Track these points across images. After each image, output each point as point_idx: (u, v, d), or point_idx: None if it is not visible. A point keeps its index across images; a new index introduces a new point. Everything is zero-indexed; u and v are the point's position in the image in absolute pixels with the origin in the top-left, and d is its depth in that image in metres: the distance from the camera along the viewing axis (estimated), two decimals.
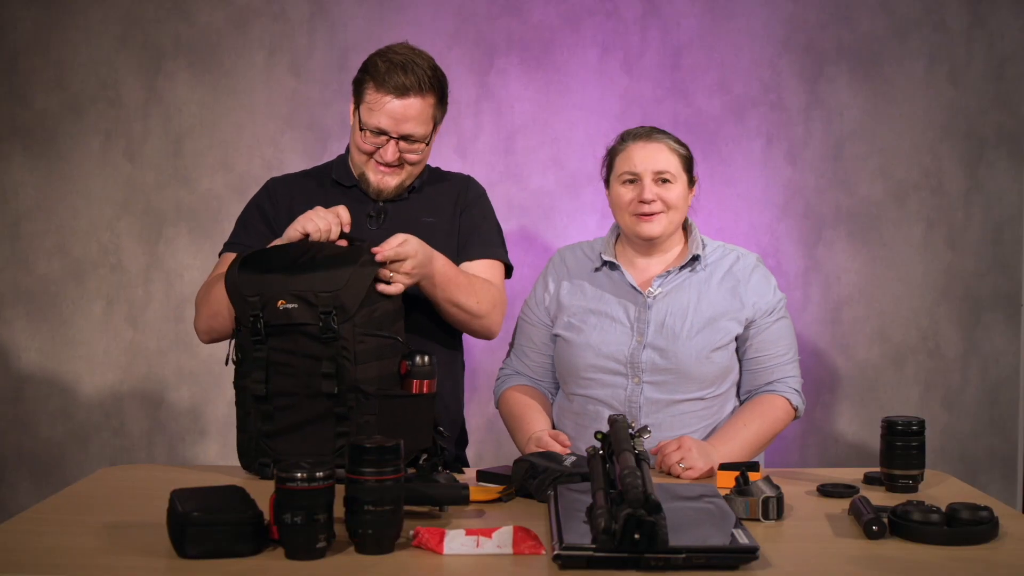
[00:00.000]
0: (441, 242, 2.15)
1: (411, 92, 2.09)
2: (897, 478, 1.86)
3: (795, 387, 2.21)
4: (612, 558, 1.37)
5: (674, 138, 2.24)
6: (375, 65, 2.11)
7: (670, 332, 2.15)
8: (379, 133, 2.11)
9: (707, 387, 2.16)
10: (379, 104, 2.09)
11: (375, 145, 2.13)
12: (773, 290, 2.23)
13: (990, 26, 3.26)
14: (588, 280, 2.27)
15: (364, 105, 2.11)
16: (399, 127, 2.10)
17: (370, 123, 2.11)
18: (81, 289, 3.25)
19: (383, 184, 2.17)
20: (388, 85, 2.08)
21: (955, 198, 3.29)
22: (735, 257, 2.25)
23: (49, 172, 3.23)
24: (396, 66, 2.08)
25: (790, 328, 2.25)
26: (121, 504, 1.73)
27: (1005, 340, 3.30)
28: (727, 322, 2.17)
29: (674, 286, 2.21)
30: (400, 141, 2.12)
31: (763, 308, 2.20)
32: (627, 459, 1.46)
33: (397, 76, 2.07)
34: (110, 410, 3.26)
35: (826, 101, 3.26)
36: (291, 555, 1.42)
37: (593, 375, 2.18)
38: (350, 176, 2.22)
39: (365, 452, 1.44)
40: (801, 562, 1.46)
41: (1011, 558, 1.48)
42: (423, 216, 2.20)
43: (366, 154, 2.15)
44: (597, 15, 3.24)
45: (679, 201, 2.20)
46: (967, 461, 3.30)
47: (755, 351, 2.20)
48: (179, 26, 3.22)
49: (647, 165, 2.18)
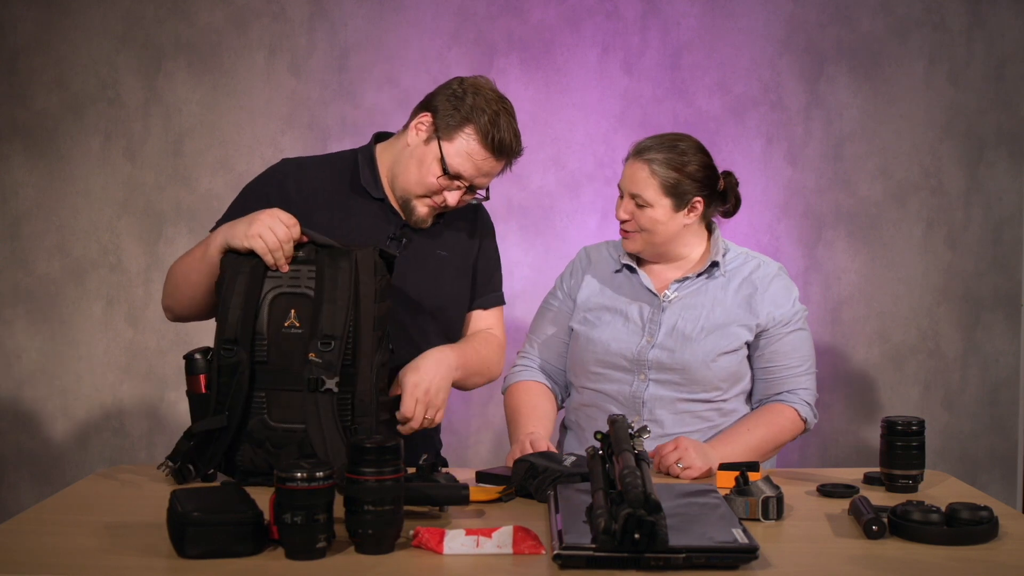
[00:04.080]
0: (451, 276, 2.15)
1: (506, 156, 2.05)
2: (897, 478, 1.86)
3: (807, 399, 2.17)
4: (612, 558, 1.37)
5: (672, 158, 2.15)
6: (479, 112, 2.01)
7: (680, 334, 2.15)
8: (456, 177, 2.04)
9: (712, 390, 2.15)
10: (475, 155, 2.02)
11: (445, 187, 2.05)
12: (792, 301, 2.20)
13: (990, 26, 3.26)
14: (608, 279, 2.26)
15: (454, 146, 2.02)
16: (478, 180, 2.06)
17: (455, 168, 2.02)
18: (81, 289, 3.25)
19: (428, 218, 2.10)
20: (491, 142, 2.01)
21: (955, 198, 3.29)
22: (756, 265, 2.23)
23: (49, 172, 3.24)
24: (503, 123, 2.01)
25: (807, 340, 2.21)
26: (121, 504, 1.73)
27: (1005, 340, 3.30)
28: (737, 328, 2.15)
29: (690, 291, 2.20)
30: (467, 192, 2.07)
31: (778, 318, 2.17)
32: (627, 459, 1.46)
33: (502, 135, 2.01)
34: (110, 410, 3.26)
35: (826, 101, 3.26)
36: (291, 555, 1.42)
37: (600, 370, 2.18)
38: (379, 187, 2.13)
39: (365, 452, 1.44)
40: (801, 562, 1.46)
41: (1011, 558, 1.48)
42: (439, 249, 2.15)
43: (428, 190, 2.06)
44: (597, 15, 3.24)
45: (653, 225, 2.16)
46: (967, 461, 3.30)
47: (767, 360, 2.18)
48: (179, 26, 3.22)
49: (627, 184, 2.18)
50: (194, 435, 1.80)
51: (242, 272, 1.84)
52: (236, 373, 1.79)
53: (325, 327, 1.78)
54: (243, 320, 1.80)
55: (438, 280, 2.14)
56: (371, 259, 1.84)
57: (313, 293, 1.81)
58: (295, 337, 1.80)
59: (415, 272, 2.07)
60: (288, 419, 1.79)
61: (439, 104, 2.05)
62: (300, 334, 1.80)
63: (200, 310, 2.04)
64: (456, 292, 2.18)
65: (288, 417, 1.79)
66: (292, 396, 1.79)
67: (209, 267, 1.91)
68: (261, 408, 1.81)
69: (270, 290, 1.82)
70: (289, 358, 1.80)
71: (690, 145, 2.18)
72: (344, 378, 1.78)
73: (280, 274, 1.83)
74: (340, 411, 1.78)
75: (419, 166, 2.05)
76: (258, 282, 1.83)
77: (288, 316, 1.81)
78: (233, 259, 1.86)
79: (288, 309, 1.81)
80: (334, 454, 1.72)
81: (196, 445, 1.81)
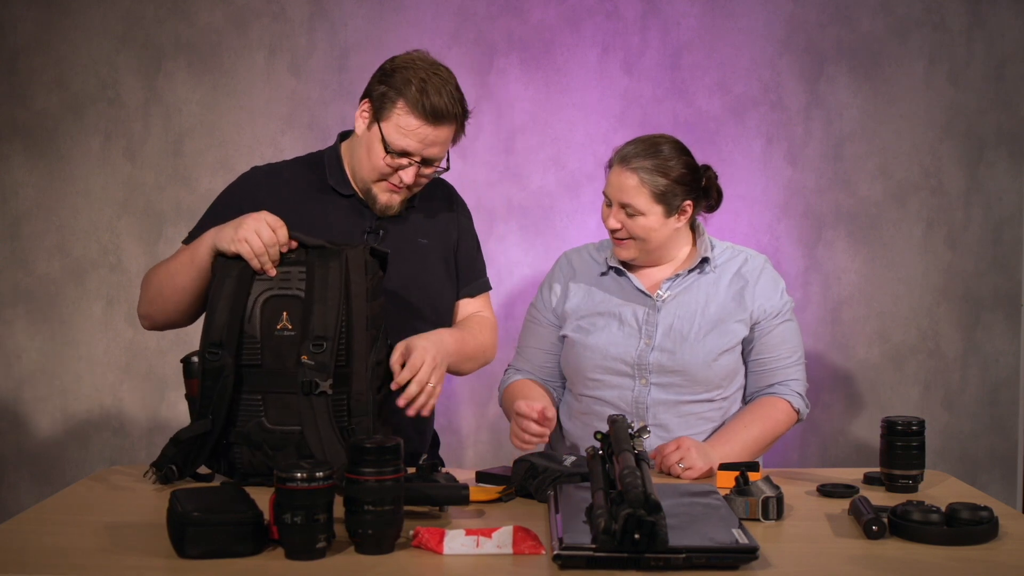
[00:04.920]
0: (434, 263, 2.15)
1: (445, 119, 2.01)
2: (897, 478, 1.86)
3: (798, 390, 2.20)
4: (612, 558, 1.37)
5: (658, 164, 2.14)
6: (407, 83, 1.99)
7: (678, 335, 2.15)
8: (403, 155, 2.03)
9: (714, 389, 2.16)
10: (410, 128, 2.00)
11: (396, 167, 2.04)
12: (780, 293, 2.22)
13: (990, 26, 3.26)
14: (595, 284, 2.26)
15: (390, 124, 2.01)
16: (425, 151, 2.03)
17: (397, 145, 2.01)
18: (81, 289, 3.25)
19: (391, 202, 2.09)
20: (423, 110, 1.98)
21: (955, 198, 3.29)
22: (743, 259, 2.24)
23: (49, 172, 3.24)
24: (430, 88, 1.98)
25: (796, 331, 2.23)
26: (121, 504, 1.73)
27: (1005, 340, 3.30)
28: (734, 324, 2.17)
29: (683, 288, 2.20)
30: (421, 166, 2.05)
31: (769, 310, 2.19)
32: (627, 459, 1.46)
33: (432, 101, 1.98)
34: (110, 410, 3.26)
35: (826, 101, 3.26)
36: (291, 555, 1.42)
37: (600, 376, 2.18)
38: (347, 184, 2.13)
39: (365, 452, 1.44)
40: (801, 562, 1.46)
41: (1011, 558, 1.48)
42: (419, 237, 2.15)
43: (381, 173, 2.05)
44: (597, 15, 3.24)
45: (646, 233, 2.16)
46: (967, 461, 3.30)
47: (758, 353, 2.20)
48: (179, 26, 3.22)
49: (615, 194, 2.16)
50: (180, 441, 1.80)
51: (230, 275, 1.83)
52: (221, 377, 1.78)
53: (316, 328, 1.77)
54: (229, 323, 1.79)
55: (422, 268, 2.13)
56: (362, 258, 1.83)
57: (303, 294, 1.80)
58: (288, 339, 1.80)
59: (398, 263, 2.05)
60: (285, 421, 1.79)
61: (372, 88, 2.06)
62: (292, 336, 1.79)
63: (183, 316, 2.03)
64: (441, 278, 2.17)
65: (285, 419, 1.79)
66: (288, 399, 1.79)
67: (199, 271, 1.91)
68: (258, 411, 1.80)
69: (261, 292, 1.82)
70: (283, 361, 1.80)
71: (671, 147, 2.17)
72: (339, 379, 1.78)
73: (271, 276, 1.83)
74: (336, 412, 1.77)
75: (368, 153, 2.05)
76: (246, 285, 1.82)
77: (280, 318, 1.81)
78: (223, 262, 1.86)
79: (280, 311, 1.81)
80: (332, 456, 1.72)
81: (182, 450, 1.81)
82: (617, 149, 2.20)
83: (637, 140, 2.19)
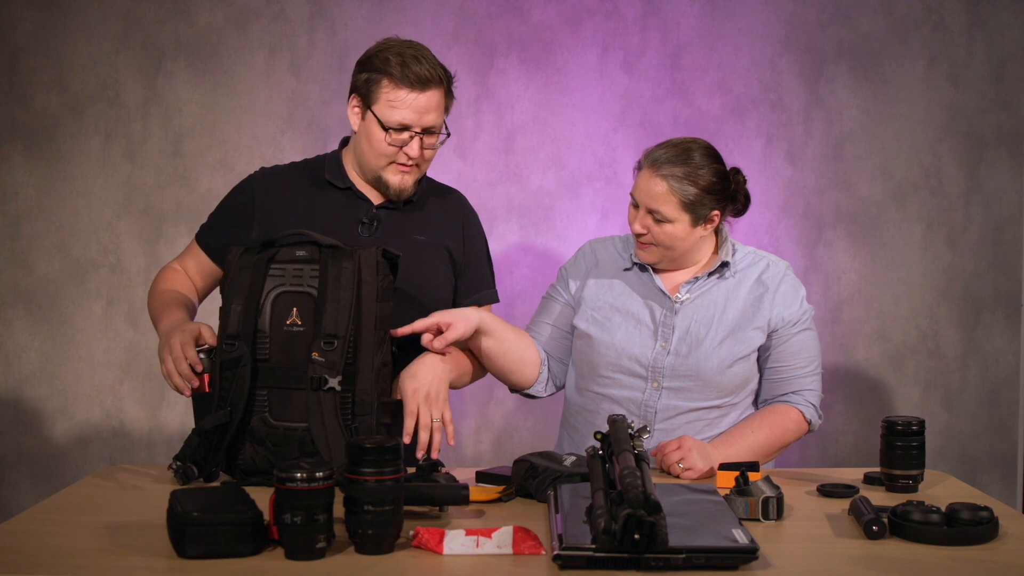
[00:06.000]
0: (429, 261, 2.14)
1: (431, 84, 2.04)
2: (897, 478, 1.86)
3: (812, 401, 2.16)
4: (612, 558, 1.37)
5: (689, 172, 2.10)
6: (386, 62, 2.03)
7: (694, 339, 2.13)
8: (402, 129, 2.05)
9: (725, 396, 2.14)
10: (401, 100, 2.02)
11: (399, 143, 2.06)
12: (800, 301, 2.18)
13: (990, 26, 3.26)
14: (618, 277, 2.23)
15: (381, 104, 2.04)
16: (422, 120, 2.04)
17: (393, 120, 2.03)
18: (81, 289, 3.25)
19: (404, 184, 2.10)
20: (408, 79, 2.02)
21: (955, 198, 3.29)
22: (765, 264, 2.22)
23: (49, 172, 3.23)
24: (409, 59, 2.03)
25: (814, 341, 2.19)
26: (121, 504, 1.73)
27: (1005, 340, 3.30)
28: (751, 331, 2.13)
29: (702, 292, 2.17)
30: (423, 136, 2.07)
31: (788, 319, 2.16)
32: (627, 459, 1.46)
33: (414, 69, 2.02)
34: (110, 410, 3.26)
35: (826, 101, 3.26)
36: (291, 555, 1.42)
37: (612, 374, 2.16)
38: (344, 178, 2.16)
39: (365, 452, 1.44)
40: (801, 562, 1.46)
41: (1011, 558, 1.48)
42: (415, 233, 2.15)
43: (387, 156, 2.08)
44: (597, 15, 3.24)
45: (671, 240, 2.13)
46: (967, 461, 3.30)
47: (775, 361, 2.17)
48: (179, 26, 3.22)
49: (643, 199, 2.12)
50: (203, 432, 1.81)
51: (245, 269, 1.86)
52: (238, 367, 1.80)
53: (328, 326, 1.79)
54: (244, 316, 1.82)
55: (414, 262, 2.12)
56: (374, 259, 1.85)
57: (316, 292, 1.82)
58: (297, 335, 1.81)
59: None
60: (290, 417, 1.80)
61: (355, 80, 2.10)
62: (302, 332, 1.81)
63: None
64: (437, 275, 2.17)
65: (290, 415, 1.80)
66: (294, 394, 1.80)
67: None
68: (263, 406, 1.82)
69: (272, 288, 1.84)
70: (291, 356, 1.81)
71: (703, 154, 2.13)
72: (345, 376, 1.79)
73: (283, 272, 1.85)
74: (341, 410, 1.79)
75: (369, 140, 2.08)
76: (260, 279, 1.84)
77: (290, 314, 1.83)
78: (236, 258, 1.88)
79: (290, 307, 1.83)
80: (336, 452, 1.73)
81: (202, 443, 1.82)
82: (647, 151, 2.16)
83: (668, 144, 2.15)
